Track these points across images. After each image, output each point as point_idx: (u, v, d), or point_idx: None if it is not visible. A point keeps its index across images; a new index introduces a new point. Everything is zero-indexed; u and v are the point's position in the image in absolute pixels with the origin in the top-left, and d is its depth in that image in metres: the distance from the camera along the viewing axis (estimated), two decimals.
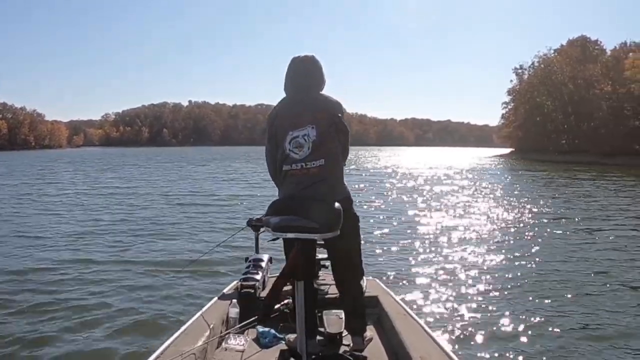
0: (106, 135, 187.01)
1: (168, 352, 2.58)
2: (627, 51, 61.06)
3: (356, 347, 2.89)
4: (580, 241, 9.47)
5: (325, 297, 3.49)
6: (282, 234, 2.56)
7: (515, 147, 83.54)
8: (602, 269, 7.42)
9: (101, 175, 28.96)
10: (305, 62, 2.93)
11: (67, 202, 15.90)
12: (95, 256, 7.99)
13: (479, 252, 8.45)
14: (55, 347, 4.48)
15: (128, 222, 11.53)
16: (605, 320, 5.24)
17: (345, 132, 2.89)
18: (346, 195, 2.87)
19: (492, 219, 12.41)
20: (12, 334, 4.72)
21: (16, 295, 5.93)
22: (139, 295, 5.94)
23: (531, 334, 4.81)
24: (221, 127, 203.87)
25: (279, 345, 2.99)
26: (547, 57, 74.29)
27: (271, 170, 3.00)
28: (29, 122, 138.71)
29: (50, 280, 6.58)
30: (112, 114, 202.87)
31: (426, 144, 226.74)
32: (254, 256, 3.87)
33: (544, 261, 7.81)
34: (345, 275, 2.96)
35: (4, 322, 5.06)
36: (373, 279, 4.02)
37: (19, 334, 4.74)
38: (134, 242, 9.16)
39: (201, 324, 2.98)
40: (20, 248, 8.66)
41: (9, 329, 4.87)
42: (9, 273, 6.92)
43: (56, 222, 11.79)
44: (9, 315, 5.24)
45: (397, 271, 7.13)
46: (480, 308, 5.56)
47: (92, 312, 5.34)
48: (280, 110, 2.93)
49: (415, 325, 2.99)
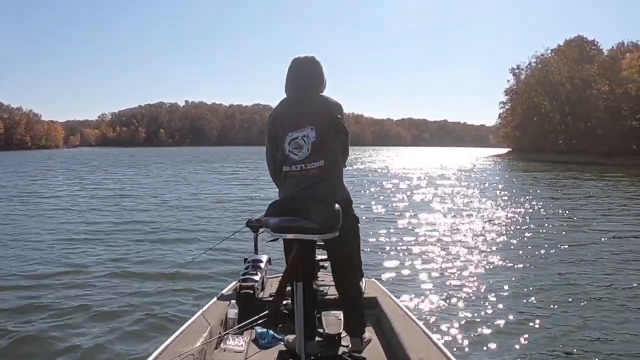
0: (103, 136, 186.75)
1: (167, 353, 2.57)
2: (625, 51, 61.26)
3: (355, 348, 2.88)
4: (580, 242, 9.47)
5: (324, 298, 3.49)
6: (281, 234, 2.56)
7: (512, 147, 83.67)
8: (603, 269, 7.43)
9: (97, 177, 28.86)
10: (305, 63, 2.92)
11: (64, 204, 15.84)
12: (93, 257, 7.96)
13: (478, 253, 8.44)
14: (54, 349, 4.47)
15: (125, 224, 11.50)
16: (607, 320, 5.24)
17: (345, 133, 2.88)
18: (346, 196, 2.87)
19: (492, 220, 12.40)
20: (11, 337, 4.71)
21: (15, 297, 5.91)
22: (138, 297, 5.92)
23: (531, 335, 4.80)
24: (218, 127, 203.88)
25: (278, 346, 2.99)
26: (545, 57, 74.48)
27: (271, 170, 3.00)
28: (26, 122, 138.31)
29: (49, 282, 6.56)
30: (109, 114, 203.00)
31: (423, 144, 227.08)
32: (253, 257, 3.87)
33: (544, 262, 7.81)
34: (345, 276, 2.95)
35: (2, 324, 5.04)
36: (372, 280, 4.02)
37: (18, 335, 4.72)
38: (131, 244, 9.12)
39: (200, 325, 2.98)
40: (25, 251, 8.64)
41: (7, 331, 4.85)
42: (6, 276, 6.91)
43: (57, 222, 11.79)
44: (6, 318, 5.22)
45: (396, 272, 7.13)
46: (480, 309, 5.55)
47: (90, 313, 5.32)
48: (280, 111, 2.92)
49: (414, 327, 2.99)
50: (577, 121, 65.14)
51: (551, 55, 73.59)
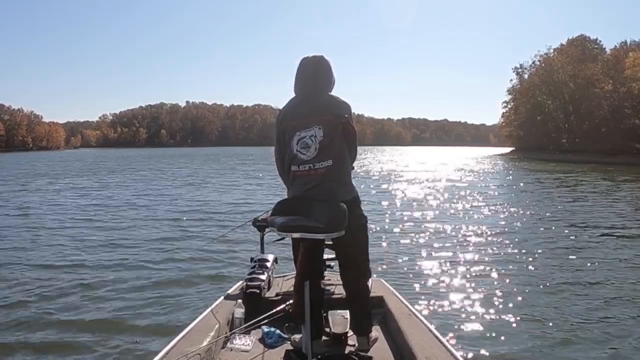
0: (104, 137, 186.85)
1: (174, 352, 2.57)
2: (628, 50, 61.07)
3: (361, 347, 2.89)
4: (588, 242, 9.33)
5: (331, 297, 3.49)
6: (287, 233, 2.57)
7: (515, 146, 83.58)
8: (614, 269, 7.31)
9: (105, 177, 28.96)
10: (314, 62, 2.92)
11: (70, 203, 15.89)
12: (98, 258, 7.95)
13: (486, 252, 8.37)
14: (59, 348, 4.47)
15: (130, 224, 11.46)
16: (616, 320, 5.18)
17: (353, 134, 2.87)
18: (354, 196, 2.88)
19: (500, 219, 12.31)
20: (16, 334, 4.72)
21: (22, 296, 5.91)
22: (144, 296, 5.92)
23: (538, 335, 4.76)
24: (218, 127, 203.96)
25: (284, 346, 2.98)
26: (548, 57, 74.33)
27: (279, 167, 3.01)
28: (27, 123, 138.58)
29: (54, 280, 6.57)
30: (110, 115, 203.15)
31: (423, 144, 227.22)
32: (259, 256, 3.87)
33: (552, 262, 7.72)
34: (351, 276, 2.95)
35: (7, 324, 5.04)
36: (378, 279, 4.01)
37: (23, 333, 4.74)
38: (137, 244, 9.11)
39: (206, 324, 2.98)
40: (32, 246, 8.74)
41: (12, 329, 4.87)
42: (13, 274, 6.93)
43: (60, 220, 11.83)
44: (11, 316, 5.22)
45: (403, 271, 7.10)
46: (486, 308, 5.52)
47: (97, 313, 5.33)
48: (289, 110, 2.92)
49: (420, 326, 2.98)
50: (581, 120, 64.94)
51: (554, 54, 73.45)
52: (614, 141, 53.23)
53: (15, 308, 5.45)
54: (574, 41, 72.37)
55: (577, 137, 65.59)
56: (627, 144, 51.89)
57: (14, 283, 6.44)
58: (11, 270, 7.04)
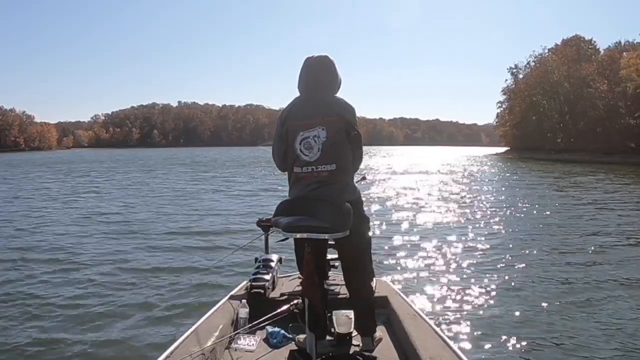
0: (96, 137, 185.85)
1: (178, 352, 2.57)
2: (622, 50, 61.49)
3: (366, 348, 2.89)
4: (593, 241, 9.34)
5: (335, 297, 3.48)
6: (292, 234, 2.56)
7: (510, 146, 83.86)
8: (617, 268, 7.34)
9: (103, 176, 29.00)
10: (318, 62, 2.89)
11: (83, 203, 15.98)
12: (104, 258, 7.95)
13: (489, 252, 8.38)
14: (64, 347, 4.48)
15: (138, 225, 11.40)
16: (620, 318, 5.21)
17: (358, 137, 2.84)
18: (356, 197, 2.86)
19: (504, 219, 12.31)
20: (19, 335, 4.73)
21: (24, 295, 5.93)
22: (149, 296, 5.93)
23: (543, 336, 4.77)
24: (210, 127, 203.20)
25: (289, 346, 2.98)
26: (543, 57, 74.73)
27: (277, 162, 2.98)
28: (19, 123, 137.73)
29: (59, 279, 6.62)
30: (102, 115, 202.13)
31: (415, 143, 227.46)
32: (264, 256, 3.86)
33: (556, 261, 7.76)
34: (355, 276, 2.95)
35: (10, 323, 5.04)
36: (383, 280, 4.02)
37: (26, 334, 4.74)
38: (142, 244, 9.09)
39: (211, 324, 2.97)
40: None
41: (15, 330, 4.87)
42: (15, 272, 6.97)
43: (65, 219, 11.94)
44: (14, 317, 5.22)
45: (407, 272, 7.11)
46: (491, 309, 5.54)
47: (102, 313, 5.34)
48: (292, 109, 2.89)
49: (424, 326, 2.98)
50: (576, 120, 65.33)
51: (549, 54, 73.83)
52: (610, 140, 53.61)
53: (15, 307, 5.47)
54: (569, 41, 72.95)
55: (572, 136, 65.95)
56: (623, 143, 52.25)
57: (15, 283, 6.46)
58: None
